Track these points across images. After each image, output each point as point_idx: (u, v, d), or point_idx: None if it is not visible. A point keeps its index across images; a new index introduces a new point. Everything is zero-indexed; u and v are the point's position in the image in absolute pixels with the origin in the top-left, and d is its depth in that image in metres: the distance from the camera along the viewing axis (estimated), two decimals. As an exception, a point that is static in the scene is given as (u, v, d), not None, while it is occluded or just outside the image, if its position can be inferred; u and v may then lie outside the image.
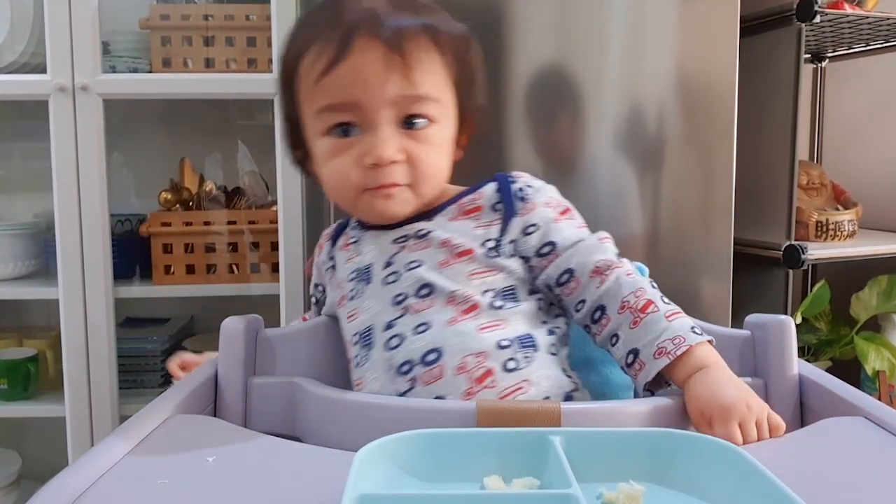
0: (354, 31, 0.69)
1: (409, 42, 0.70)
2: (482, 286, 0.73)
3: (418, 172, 0.73)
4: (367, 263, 0.77)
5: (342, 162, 0.73)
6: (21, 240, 1.53)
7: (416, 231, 0.76)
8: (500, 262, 0.74)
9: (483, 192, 0.78)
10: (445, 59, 0.73)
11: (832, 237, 1.63)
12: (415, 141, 0.73)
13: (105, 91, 1.40)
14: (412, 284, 0.73)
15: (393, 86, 0.70)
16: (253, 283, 1.55)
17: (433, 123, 0.74)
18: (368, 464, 0.50)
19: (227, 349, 0.77)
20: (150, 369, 1.58)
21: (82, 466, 0.54)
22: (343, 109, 0.72)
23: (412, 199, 0.75)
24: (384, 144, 0.71)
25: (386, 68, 0.69)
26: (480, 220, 0.76)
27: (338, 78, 0.70)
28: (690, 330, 0.68)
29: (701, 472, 0.52)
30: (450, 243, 0.74)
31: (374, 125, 0.71)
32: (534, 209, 0.76)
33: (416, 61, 0.70)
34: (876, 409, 0.64)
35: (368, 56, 0.69)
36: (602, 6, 1.26)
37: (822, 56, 1.94)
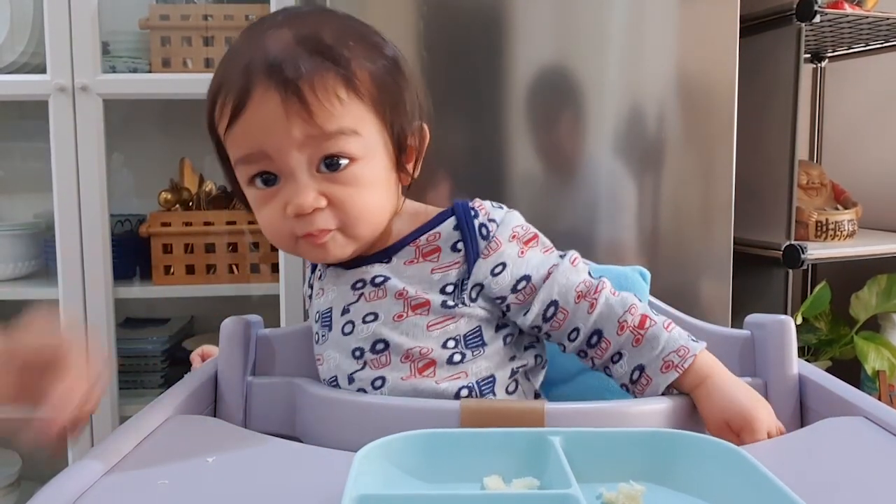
0: (253, 80, 0.66)
1: (306, 82, 0.65)
2: (442, 336, 0.70)
3: (346, 216, 0.69)
4: (328, 307, 0.76)
5: (268, 213, 0.70)
6: (21, 240, 1.53)
7: (372, 277, 0.73)
8: (459, 310, 0.71)
9: (441, 230, 0.73)
10: (357, 90, 0.68)
11: (832, 237, 1.63)
12: (337, 184, 0.68)
13: (105, 91, 1.40)
14: (367, 339, 0.71)
15: (296, 129, 0.66)
16: (253, 284, 1.55)
17: (356, 162, 0.68)
18: (368, 464, 0.50)
19: (226, 349, 0.77)
20: (150, 369, 1.58)
21: (82, 467, 0.54)
22: (254, 160, 0.68)
23: (349, 243, 0.71)
24: (303, 193, 0.67)
25: (286, 112, 0.65)
26: (439, 262, 0.72)
27: (242, 129, 0.67)
28: (689, 339, 0.69)
29: (701, 472, 0.52)
30: (405, 295, 0.71)
31: (290, 172, 0.67)
32: (499, 247, 0.72)
33: (316, 100, 0.65)
34: (876, 409, 0.65)
35: (267, 103, 0.65)
36: (602, 6, 1.26)
37: (822, 56, 1.94)
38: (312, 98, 0.65)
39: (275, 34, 0.68)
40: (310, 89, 0.65)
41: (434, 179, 1.26)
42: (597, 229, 1.29)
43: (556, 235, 1.26)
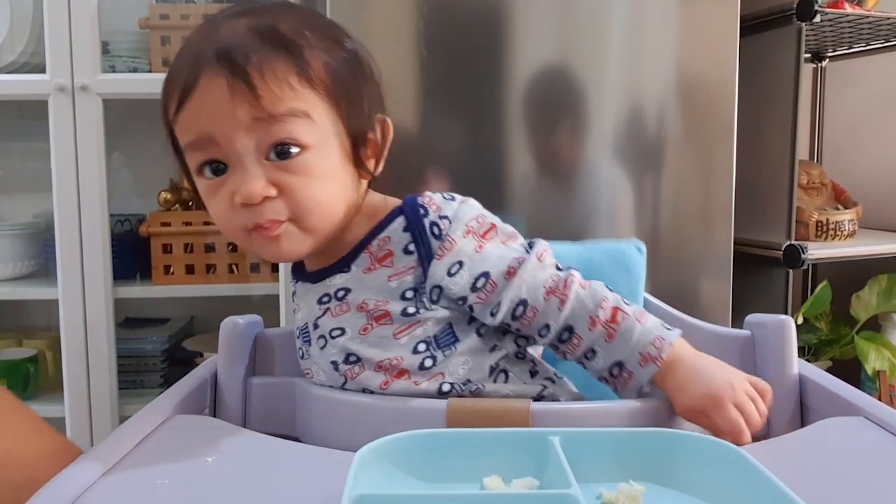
0: (201, 66, 0.64)
1: (254, 66, 0.64)
2: (410, 342, 0.69)
3: (297, 206, 0.67)
4: (304, 322, 0.75)
5: (217, 203, 0.68)
6: (21, 240, 1.53)
7: (335, 290, 0.72)
8: (422, 315, 0.69)
9: (391, 233, 0.71)
10: (310, 78, 0.66)
11: (832, 237, 1.63)
12: (288, 173, 0.66)
13: (105, 91, 1.40)
14: (339, 353, 0.71)
15: (241, 111, 0.64)
16: (253, 283, 1.55)
17: (308, 150, 0.66)
18: (368, 464, 0.49)
19: (226, 349, 0.77)
20: (149, 369, 1.58)
21: (82, 467, 0.54)
22: (201, 146, 0.67)
23: (304, 237, 0.68)
24: (251, 180, 0.65)
25: (231, 94, 0.63)
26: (394, 268, 0.70)
27: (189, 114, 0.66)
28: (663, 327, 0.68)
29: (701, 472, 0.52)
30: (366, 307, 0.70)
31: (238, 159, 0.66)
32: (453, 246, 0.69)
33: (264, 83, 0.64)
34: (876, 409, 0.64)
35: (214, 87, 0.64)
36: (602, 6, 1.26)
37: (823, 56, 1.94)
38: (260, 82, 0.64)
39: (229, 23, 0.67)
40: (258, 73, 0.64)
41: (433, 180, 1.26)
42: (597, 229, 1.29)
43: (557, 235, 1.26)
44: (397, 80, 1.23)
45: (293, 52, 0.66)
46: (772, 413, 0.70)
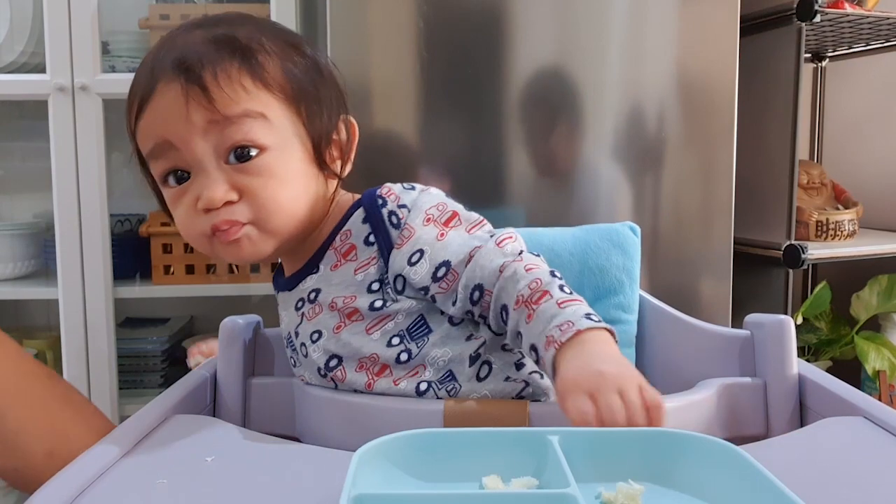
0: (156, 73, 0.65)
1: (208, 70, 0.64)
2: (383, 336, 0.68)
3: (258, 208, 0.66)
4: (288, 332, 0.76)
5: (181, 211, 0.69)
6: (21, 240, 1.53)
7: (308, 294, 0.72)
8: (390, 308, 0.68)
9: (351, 226, 0.71)
10: (264, 80, 0.67)
11: (832, 237, 1.63)
12: (248, 175, 0.66)
13: (105, 91, 1.40)
14: (321, 357, 0.71)
15: (196, 115, 0.64)
16: (253, 283, 1.55)
17: (266, 151, 0.66)
18: (367, 464, 0.49)
19: (226, 349, 0.77)
20: (150, 369, 1.58)
21: (82, 466, 0.54)
22: (161, 153, 0.67)
23: (264, 239, 0.68)
24: (212, 184, 0.65)
25: (185, 99, 0.64)
26: (358, 261, 0.70)
27: (147, 122, 0.66)
28: (584, 316, 0.60)
29: (700, 471, 0.52)
30: (336, 306, 0.70)
31: (197, 164, 0.66)
32: (412, 234, 0.68)
33: (217, 86, 0.64)
34: (876, 409, 0.64)
35: (169, 93, 0.65)
36: (602, 6, 1.26)
37: (823, 55, 1.94)
38: (213, 85, 0.64)
39: (185, 35, 0.68)
40: (211, 77, 0.64)
41: (433, 180, 1.26)
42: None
43: (556, 235, 1.25)
44: (397, 80, 1.23)
45: (247, 56, 0.66)
46: (771, 413, 0.70)
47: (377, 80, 1.23)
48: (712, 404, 0.72)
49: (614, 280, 0.89)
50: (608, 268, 0.89)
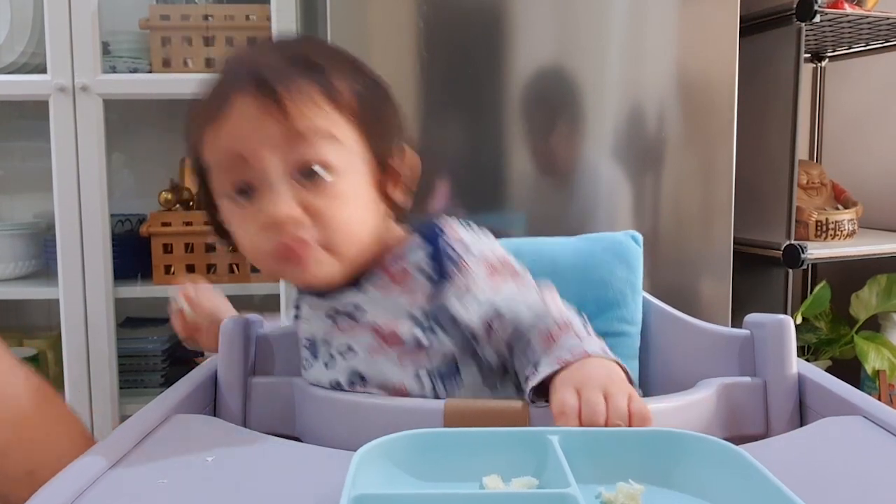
0: (233, 88, 0.65)
1: (283, 85, 0.64)
2: (415, 369, 0.68)
3: (326, 229, 0.66)
4: (311, 336, 0.75)
5: (246, 228, 0.67)
6: (21, 240, 1.53)
7: (346, 309, 0.71)
8: (429, 341, 0.68)
9: (409, 254, 0.71)
10: (338, 101, 0.66)
11: (832, 236, 1.63)
12: (316, 195, 0.65)
13: (105, 91, 1.40)
14: (345, 372, 0.70)
15: (270, 128, 0.64)
16: (253, 283, 1.55)
17: (336, 173, 0.66)
18: (367, 463, 0.50)
19: (226, 349, 0.77)
20: (150, 369, 1.58)
21: (82, 466, 0.54)
22: (230, 166, 0.66)
23: (333, 262, 0.67)
24: (278, 200, 0.64)
25: (260, 112, 0.64)
26: (408, 288, 0.70)
27: (219, 136, 0.65)
28: (600, 349, 0.62)
29: (700, 471, 0.52)
30: (379, 330, 0.69)
31: (266, 180, 0.65)
32: (468, 271, 0.69)
33: (292, 101, 0.64)
34: (875, 409, 0.65)
35: (244, 106, 0.64)
36: (602, 6, 1.26)
37: (822, 55, 1.94)
38: (288, 99, 0.64)
39: (257, 52, 0.69)
40: (286, 92, 0.64)
41: (433, 180, 1.26)
42: (597, 229, 1.29)
43: (556, 234, 1.26)
44: (397, 81, 1.23)
45: (321, 75, 0.66)
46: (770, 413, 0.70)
47: (377, 80, 1.23)
48: (712, 404, 0.72)
49: (617, 293, 0.88)
50: (611, 281, 0.88)
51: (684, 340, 0.86)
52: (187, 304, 0.85)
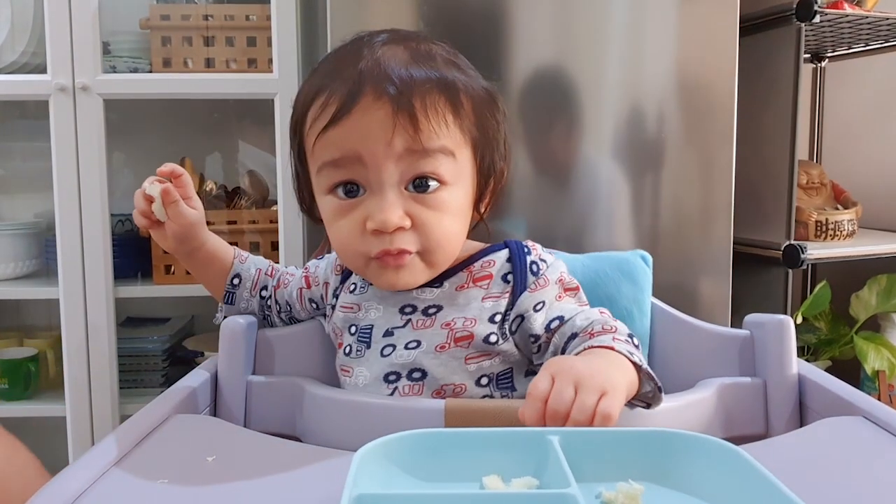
0: (362, 86, 0.65)
1: (418, 98, 0.65)
2: (477, 372, 0.70)
3: (428, 240, 0.68)
4: (369, 325, 0.75)
5: (345, 226, 0.69)
6: (21, 240, 1.53)
7: (424, 306, 0.73)
8: (498, 347, 0.71)
9: (496, 258, 0.74)
10: (461, 117, 0.68)
11: (832, 237, 1.63)
12: (423, 206, 0.67)
13: (105, 91, 1.40)
14: (406, 365, 0.71)
15: (399, 141, 0.65)
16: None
17: (445, 186, 0.68)
18: (368, 463, 0.50)
19: (226, 349, 0.77)
20: (150, 369, 1.58)
21: (82, 466, 0.54)
22: (345, 165, 0.67)
23: (425, 269, 0.70)
24: (389, 208, 0.66)
25: (392, 123, 0.65)
26: (490, 291, 0.73)
27: (341, 132, 0.66)
28: (627, 352, 0.64)
29: (700, 471, 0.52)
30: (453, 326, 0.71)
31: (379, 185, 0.66)
32: (545, 286, 0.73)
33: (425, 117, 0.65)
34: (875, 409, 0.65)
35: (374, 111, 0.65)
36: (602, 6, 1.26)
37: (822, 56, 1.94)
38: (422, 115, 0.65)
39: (388, 49, 0.68)
40: (421, 107, 0.65)
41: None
42: (597, 229, 1.29)
43: (557, 235, 1.26)
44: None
45: (452, 92, 0.68)
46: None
47: (377, 80, 1.23)
48: (712, 404, 0.72)
49: (623, 311, 0.88)
50: (617, 298, 0.88)
51: (684, 340, 0.86)
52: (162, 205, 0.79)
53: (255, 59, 1.51)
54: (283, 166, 1.41)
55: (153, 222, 0.80)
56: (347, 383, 0.75)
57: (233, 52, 1.51)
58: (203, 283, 0.86)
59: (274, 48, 1.41)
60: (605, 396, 0.56)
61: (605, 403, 0.56)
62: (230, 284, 0.85)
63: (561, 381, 0.56)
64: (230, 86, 1.44)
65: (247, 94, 1.46)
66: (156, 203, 0.79)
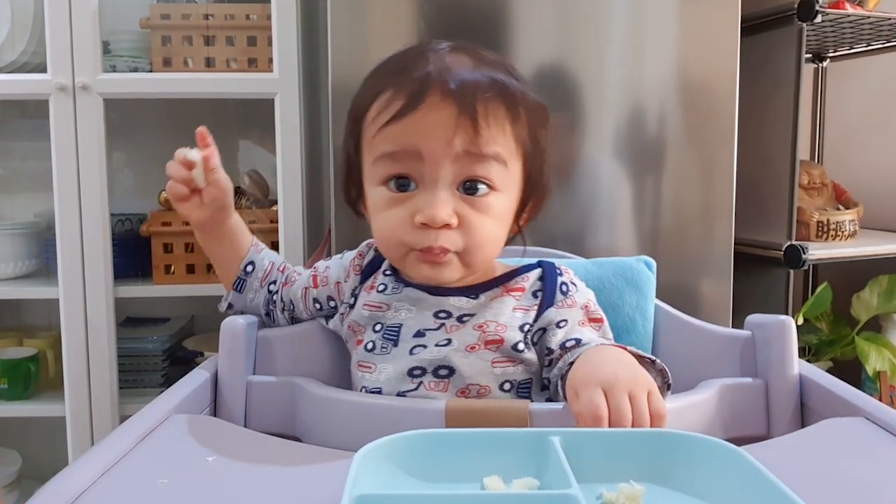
0: (429, 85, 0.68)
1: (481, 104, 0.68)
2: (502, 377, 0.72)
3: (471, 241, 0.71)
4: (397, 324, 0.76)
5: (393, 216, 0.71)
6: (21, 239, 1.53)
7: (459, 314, 0.75)
8: (524, 355, 0.73)
9: (530, 275, 0.78)
10: (518, 127, 0.72)
11: (833, 237, 1.63)
12: (471, 207, 0.70)
13: (105, 91, 1.40)
14: (433, 361, 0.72)
15: (458, 140, 0.68)
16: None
17: (494, 192, 0.71)
18: (368, 464, 0.49)
19: (226, 349, 0.77)
20: (150, 369, 1.58)
21: (82, 466, 0.54)
22: (402, 159, 0.70)
23: (462, 270, 0.73)
24: (440, 204, 0.69)
25: (454, 123, 0.68)
26: (521, 302, 0.76)
27: (404, 127, 0.69)
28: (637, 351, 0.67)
29: (701, 472, 0.52)
30: (485, 328, 0.73)
31: (433, 182, 0.69)
32: (571, 306, 0.76)
33: (486, 123, 0.69)
34: (876, 410, 0.65)
35: (439, 111, 0.68)
36: (603, 6, 1.26)
37: (823, 56, 1.94)
38: (483, 120, 0.68)
39: (454, 56, 0.72)
40: (483, 112, 0.68)
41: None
42: (597, 229, 1.29)
43: (557, 235, 1.26)
44: (398, 80, 1.23)
45: (512, 103, 0.71)
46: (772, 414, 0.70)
47: (378, 79, 1.23)
48: (713, 405, 0.72)
49: (626, 318, 0.89)
50: (620, 306, 0.89)
51: (685, 341, 0.86)
52: (202, 171, 0.79)
53: (255, 58, 1.51)
54: (283, 166, 1.41)
55: (190, 192, 0.80)
56: (366, 379, 0.75)
57: (233, 51, 1.51)
58: (218, 263, 0.87)
59: (274, 48, 1.41)
60: (652, 395, 0.58)
61: (655, 402, 0.58)
62: (243, 271, 0.86)
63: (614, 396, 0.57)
64: (230, 85, 1.44)
65: (247, 93, 1.46)
66: (197, 168, 0.79)
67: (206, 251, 0.88)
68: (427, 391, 0.71)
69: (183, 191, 0.79)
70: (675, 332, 0.89)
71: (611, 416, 0.56)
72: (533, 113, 0.74)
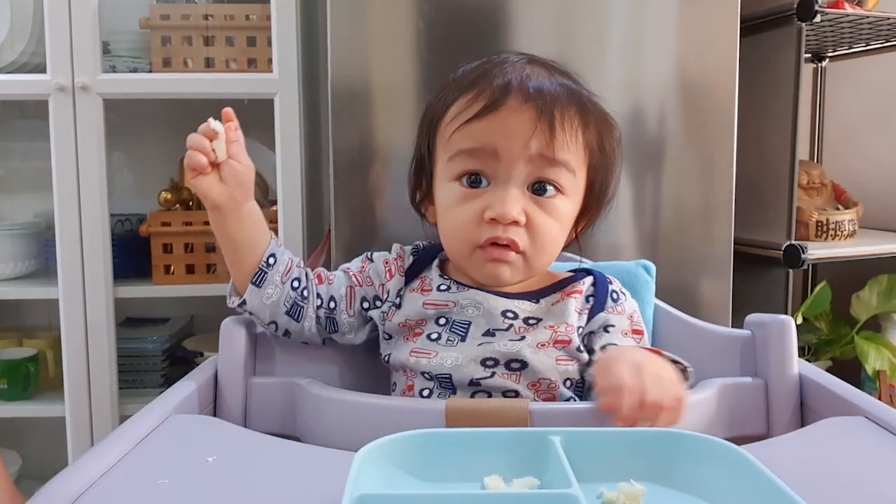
0: (510, 90, 0.73)
1: (558, 111, 0.73)
2: (565, 374, 0.75)
3: (536, 241, 0.74)
4: (466, 320, 0.77)
5: (463, 212, 0.74)
6: (21, 240, 1.53)
7: (525, 315, 0.77)
8: (583, 355, 0.76)
9: (585, 282, 0.81)
10: (588, 136, 0.76)
11: (832, 237, 1.63)
12: (539, 208, 0.74)
13: (105, 91, 1.40)
14: (506, 354, 0.74)
15: (535, 143, 0.72)
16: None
17: (561, 195, 0.75)
18: (368, 464, 0.49)
19: (226, 349, 0.77)
20: (150, 369, 1.58)
21: (82, 466, 0.54)
22: (479, 156, 0.73)
23: (524, 270, 0.76)
24: (511, 201, 0.72)
25: (533, 126, 0.72)
26: (578, 305, 0.79)
27: (484, 125, 0.73)
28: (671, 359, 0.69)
29: (701, 471, 0.52)
30: (556, 329, 0.76)
31: (506, 180, 0.73)
32: (620, 314, 0.79)
33: (562, 129, 0.73)
34: (876, 409, 0.65)
35: (519, 113, 0.72)
36: (602, 6, 1.26)
37: (823, 56, 1.94)
38: (559, 125, 0.72)
39: (532, 66, 0.77)
40: (560, 118, 0.73)
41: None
42: (597, 228, 1.28)
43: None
44: (398, 81, 1.23)
45: (585, 112, 0.76)
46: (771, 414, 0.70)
47: (377, 81, 1.23)
48: (713, 404, 0.72)
49: None
50: None
51: (685, 340, 0.86)
52: (224, 143, 0.77)
53: (255, 58, 1.51)
54: (283, 166, 1.41)
55: (209, 164, 0.76)
56: (428, 364, 0.74)
57: (233, 51, 1.51)
58: (234, 253, 0.79)
59: (274, 48, 1.41)
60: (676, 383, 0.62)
61: (679, 390, 0.61)
62: (265, 263, 0.78)
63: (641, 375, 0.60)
64: (230, 86, 1.44)
65: (247, 94, 1.46)
66: (218, 140, 0.75)
67: (220, 241, 0.79)
68: (502, 380, 0.73)
69: (202, 160, 0.75)
70: (674, 332, 0.89)
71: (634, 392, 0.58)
72: (601, 122, 0.78)
